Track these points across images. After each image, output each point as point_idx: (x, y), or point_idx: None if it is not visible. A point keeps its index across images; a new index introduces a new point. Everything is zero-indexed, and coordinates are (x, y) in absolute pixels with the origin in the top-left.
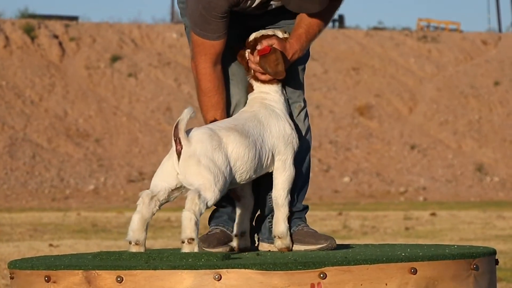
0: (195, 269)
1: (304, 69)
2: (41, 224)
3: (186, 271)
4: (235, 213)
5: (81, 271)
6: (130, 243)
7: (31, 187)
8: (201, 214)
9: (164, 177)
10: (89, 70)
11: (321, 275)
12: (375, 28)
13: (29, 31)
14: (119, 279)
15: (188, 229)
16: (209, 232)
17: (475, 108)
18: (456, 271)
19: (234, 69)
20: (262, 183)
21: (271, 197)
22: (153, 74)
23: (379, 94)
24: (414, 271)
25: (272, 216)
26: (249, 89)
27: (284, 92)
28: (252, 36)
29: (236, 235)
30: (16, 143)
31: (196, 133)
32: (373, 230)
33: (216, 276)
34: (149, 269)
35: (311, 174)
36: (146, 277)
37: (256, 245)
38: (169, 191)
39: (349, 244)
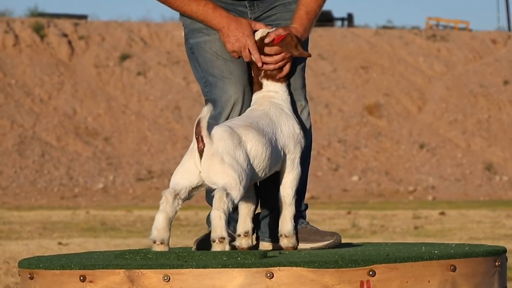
0: (246, 267)
1: (304, 68)
2: (50, 223)
3: (237, 269)
4: (236, 212)
5: (122, 270)
6: (154, 242)
7: (40, 185)
8: (229, 212)
9: (186, 176)
10: (98, 69)
11: (370, 273)
12: (384, 27)
13: (38, 30)
14: (166, 278)
15: (219, 228)
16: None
17: (484, 107)
18: (485, 269)
19: (232, 68)
20: (262, 182)
21: (270, 196)
22: (162, 73)
23: (388, 93)
24: (454, 269)
25: (275, 215)
26: (256, 87)
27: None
28: (257, 36)
29: (239, 235)
30: (25, 142)
31: (217, 131)
32: (382, 229)
33: (268, 274)
34: (198, 268)
35: (320, 173)
36: (195, 275)
37: (254, 244)
38: (189, 190)
39: (359, 242)
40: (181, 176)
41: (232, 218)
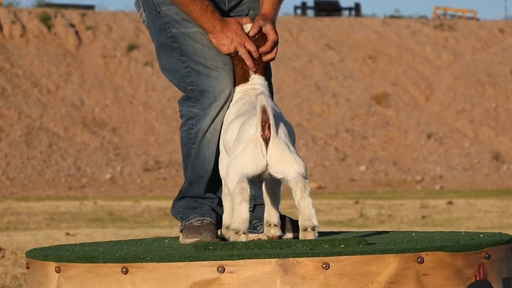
0: (399, 253)
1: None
2: (58, 213)
3: (392, 255)
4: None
5: (274, 259)
6: (237, 232)
7: (47, 176)
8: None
9: (252, 165)
10: (106, 59)
11: (486, 256)
12: (392, 17)
13: (45, 20)
14: (324, 265)
15: (312, 217)
16: (202, 222)
17: (492, 96)
18: None
19: (225, 59)
20: None
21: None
22: None
23: (396, 82)
24: None
25: (255, 206)
26: (242, 80)
27: None
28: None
29: (227, 227)
30: (32, 132)
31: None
32: (390, 218)
33: (419, 259)
34: (356, 255)
35: (327, 163)
36: (353, 262)
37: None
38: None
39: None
40: (246, 166)
41: (213, 210)
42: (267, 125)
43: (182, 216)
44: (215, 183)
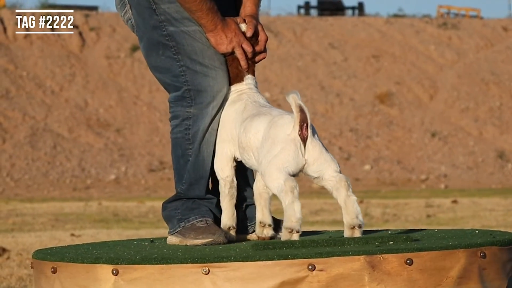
0: (466, 248)
1: None
2: (63, 214)
3: (461, 250)
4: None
5: (363, 256)
6: (291, 231)
7: (52, 177)
8: None
9: (293, 164)
10: (109, 60)
11: None
12: (395, 16)
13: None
14: (408, 261)
15: (359, 215)
16: (207, 223)
17: (496, 95)
18: None
19: (222, 58)
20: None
21: (241, 189)
22: None
23: (400, 81)
24: None
25: (246, 206)
26: (237, 80)
27: None
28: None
29: (229, 228)
30: (37, 133)
31: None
32: (395, 218)
33: (482, 254)
34: (434, 250)
35: None
36: (432, 258)
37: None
38: None
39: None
40: (287, 165)
41: (211, 211)
42: (305, 124)
43: (181, 218)
44: (209, 183)
